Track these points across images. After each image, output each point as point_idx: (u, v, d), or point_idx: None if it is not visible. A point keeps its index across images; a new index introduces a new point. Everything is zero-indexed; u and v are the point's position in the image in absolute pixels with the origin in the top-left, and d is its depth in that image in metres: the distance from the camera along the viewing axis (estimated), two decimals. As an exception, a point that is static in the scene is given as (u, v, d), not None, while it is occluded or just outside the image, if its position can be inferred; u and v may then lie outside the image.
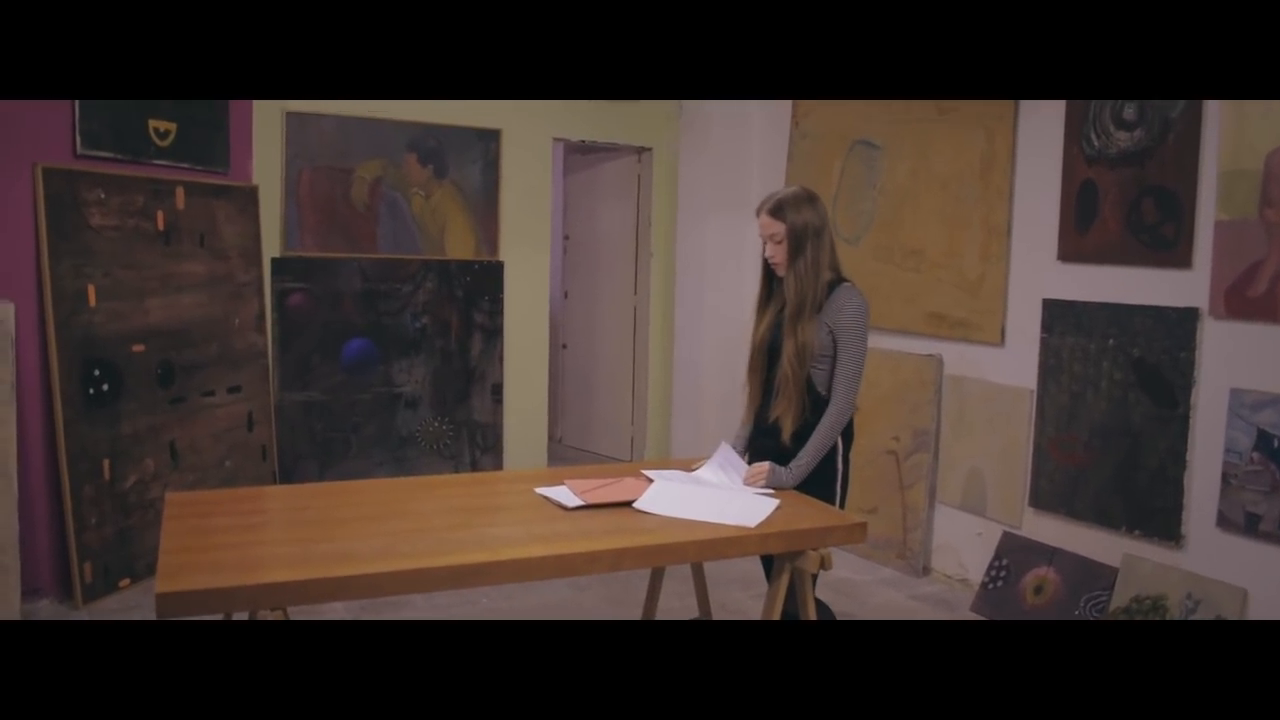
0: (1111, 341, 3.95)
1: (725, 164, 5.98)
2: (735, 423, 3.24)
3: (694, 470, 3.02)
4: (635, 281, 6.83)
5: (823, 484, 2.94)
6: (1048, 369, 4.20)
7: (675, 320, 6.43)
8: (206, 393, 4.81)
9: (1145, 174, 3.81)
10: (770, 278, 3.05)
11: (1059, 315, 4.14)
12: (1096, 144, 3.97)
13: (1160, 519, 3.79)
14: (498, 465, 6.15)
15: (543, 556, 2.25)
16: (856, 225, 5.11)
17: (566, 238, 7.42)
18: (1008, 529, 4.40)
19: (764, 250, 2.98)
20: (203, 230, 4.79)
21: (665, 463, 3.19)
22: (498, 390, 6.12)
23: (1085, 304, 4.04)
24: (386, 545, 2.27)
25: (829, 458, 2.96)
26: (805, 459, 2.88)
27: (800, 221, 2.87)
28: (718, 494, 2.75)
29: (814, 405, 2.92)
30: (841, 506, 2.99)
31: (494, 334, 6.08)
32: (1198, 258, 3.66)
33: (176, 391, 4.59)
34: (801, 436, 2.91)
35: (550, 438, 6.82)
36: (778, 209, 2.90)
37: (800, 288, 2.88)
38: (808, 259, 2.88)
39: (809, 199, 2.93)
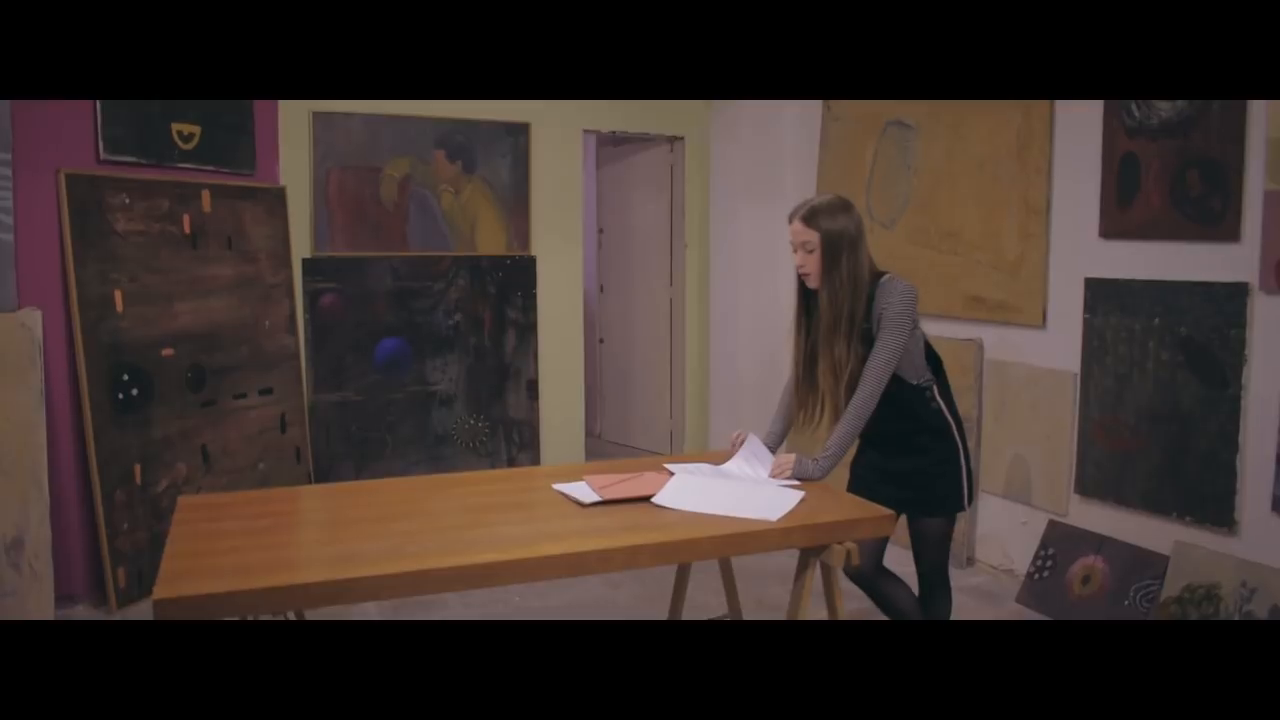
0: (1157, 320, 3.79)
1: (758, 151, 5.88)
2: (773, 412, 3.15)
3: (721, 466, 2.93)
4: (671, 273, 6.76)
5: (948, 492, 2.89)
6: (1091, 351, 4.05)
7: (711, 311, 6.34)
8: (238, 395, 4.80)
9: (1189, 144, 3.65)
10: (806, 291, 2.89)
11: (1102, 295, 3.99)
12: (1137, 115, 3.81)
13: (1212, 504, 3.64)
14: (535, 462, 6.10)
15: (553, 555, 2.18)
16: (891, 208, 4.98)
17: (600, 231, 7.36)
18: (1054, 517, 4.26)
19: (795, 260, 2.83)
20: (230, 233, 4.79)
21: (699, 456, 3.10)
22: (533, 386, 6.07)
23: (1129, 282, 3.89)
24: (395, 546, 2.21)
25: (951, 460, 2.87)
26: (832, 449, 2.78)
27: (835, 229, 2.73)
28: (739, 487, 2.66)
29: (907, 398, 2.84)
30: (970, 485, 2.91)
31: (528, 330, 6.03)
32: (1246, 230, 3.50)
33: (207, 395, 4.59)
34: (915, 431, 2.86)
35: (589, 433, 6.76)
36: (811, 216, 2.76)
37: (835, 301, 2.74)
38: (843, 271, 2.73)
39: (844, 207, 2.78)
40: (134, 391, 4.20)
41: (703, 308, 6.58)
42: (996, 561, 4.57)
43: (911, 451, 2.87)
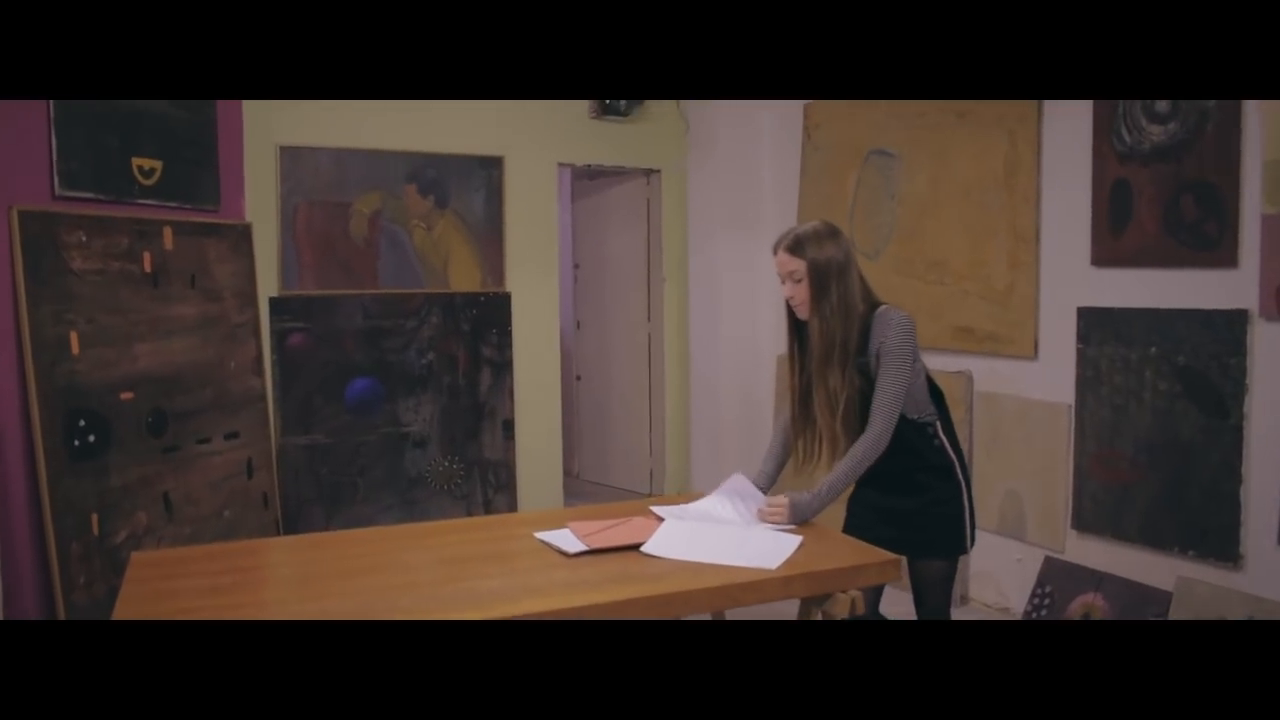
0: (1154, 349, 3.69)
1: (736, 181, 5.77)
2: (757, 450, 3.01)
3: (700, 502, 2.78)
4: (649, 308, 6.62)
5: (950, 533, 2.76)
6: (1086, 381, 3.94)
7: (691, 346, 6.20)
8: (202, 440, 4.60)
9: (1183, 169, 3.56)
10: (797, 323, 2.78)
11: (1096, 324, 3.89)
12: (1128, 140, 3.73)
13: (1216, 538, 3.52)
14: (511, 504, 5.92)
15: (538, 612, 2.01)
16: (875, 239, 4.88)
17: (576, 266, 7.23)
18: (1050, 553, 4.13)
19: (784, 291, 2.73)
20: (193, 271, 4.61)
21: (686, 497, 2.95)
22: (509, 426, 5.90)
23: (1124, 310, 3.79)
24: (364, 604, 2.04)
25: (953, 499, 2.74)
26: (825, 489, 2.64)
27: (823, 258, 2.63)
28: (734, 533, 2.51)
29: (909, 435, 2.72)
30: (972, 527, 2.79)
31: (503, 368, 5.87)
32: (1244, 255, 3.41)
33: (169, 440, 4.39)
34: (914, 469, 2.73)
35: (566, 473, 6.60)
36: (796, 245, 2.66)
37: (827, 330, 2.63)
38: (833, 300, 2.62)
39: (830, 234, 2.68)
40: (91, 437, 4.00)
41: (682, 342, 6.45)
42: (991, 600, 4.43)
43: (911, 490, 2.73)
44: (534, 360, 6.01)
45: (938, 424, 2.75)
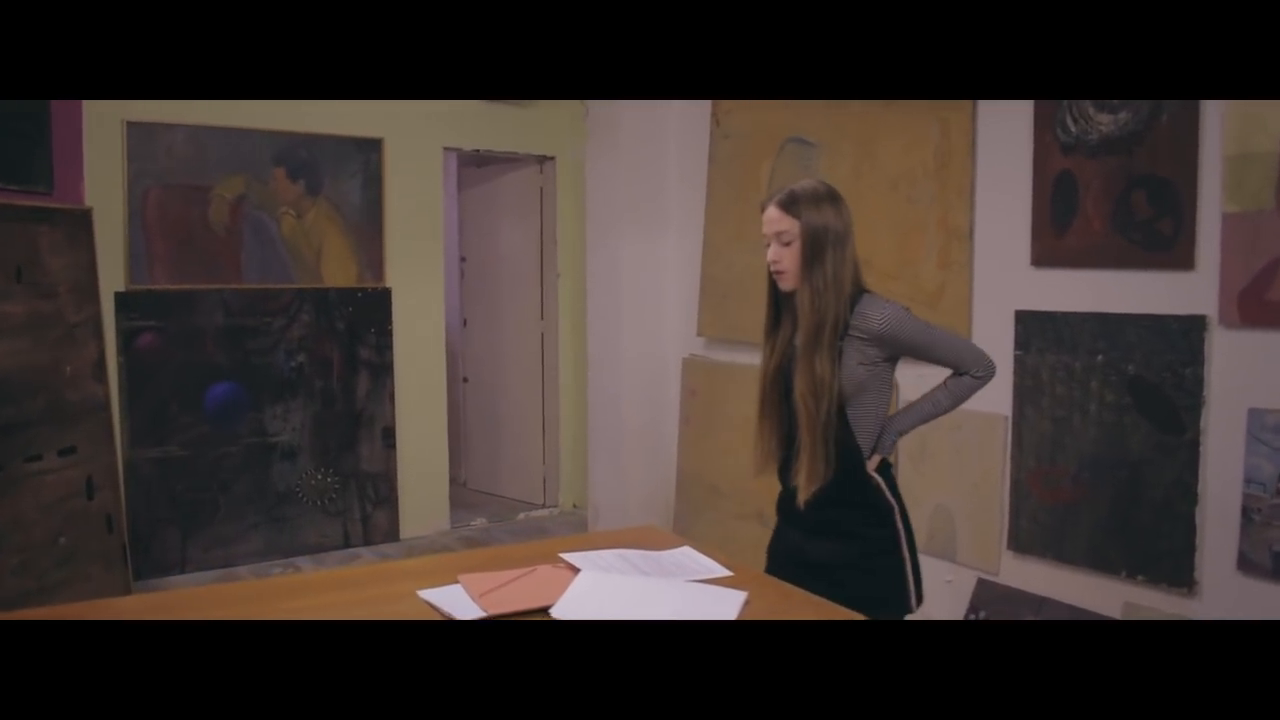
0: (1100, 358, 3.41)
1: (638, 171, 5.35)
2: (661, 460, 2.60)
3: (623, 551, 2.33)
4: (542, 305, 6.20)
5: (883, 591, 2.36)
6: (1024, 391, 3.65)
7: (589, 347, 5.77)
8: (31, 457, 3.99)
9: (1134, 162, 3.28)
10: (778, 295, 2.45)
11: (1036, 329, 3.60)
12: (1074, 130, 3.43)
13: (1168, 562, 3.26)
14: (393, 520, 5.42)
15: None
16: (791, 234, 4.52)
17: (463, 259, 6.73)
18: (983, 576, 3.83)
19: (769, 254, 2.38)
20: (20, 262, 3.98)
21: (599, 538, 2.51)
22: (389, 434, 5.39)
23: (1066, 315, 3.50)
24: None
25: (888, 551, 2.37)
26: (905, 423, 2.50)
27: (820, 223, 2.31)
28: (667, 588, 2.08)
29: (844, 458, 2.33)
30: (917, 582, 2.44)
31: (383, 370, 5.35)
32: (1202, 257, 3.14)
33: (-11, 459, 3.77)
34: (824, 504, 2.33)
35: (453, 481, 6.12)
36: (790, 202, 2.33)
37: (818, 306, 2.28)
38: (827, 271, 2.28)
39: (830, 196, 2.36)
40: (-115, 460, 3.37)
41: (579, 343, 6.03)
42: (918, 624, 4.12)
43: (838, 535, 2.36)
44: (416, 362, 5.54)
45: (875, 457, 2.40)
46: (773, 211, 2.35)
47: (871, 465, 2.38)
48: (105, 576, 4.24)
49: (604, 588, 2.03)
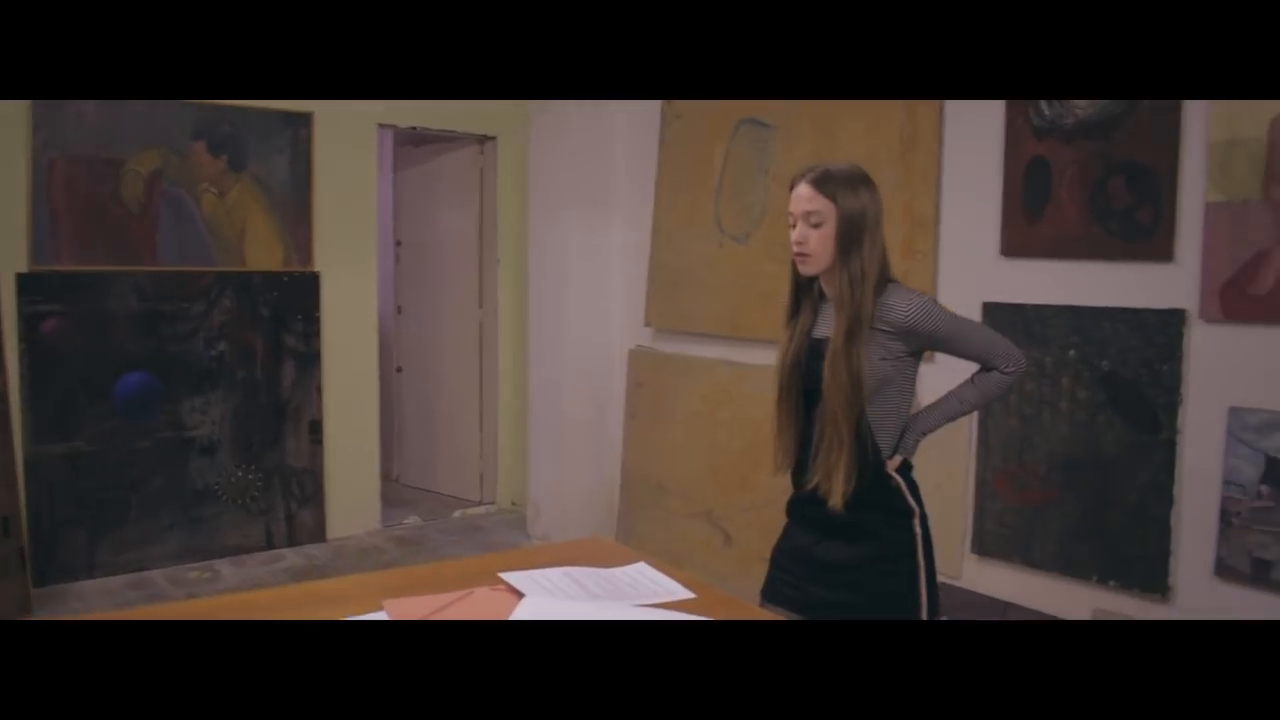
0: (1073, 353, 3.25)
1: (585, 153, 5.11)
2: (604, 456, 2.38)
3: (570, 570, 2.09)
4: (481, 293, 5.94)
5: (897, 598, 2.18)
6: (991, 387, 3.48)
7: (530, 337, 5.52)
8: (-83, 453, 3.65)
9: (1112, 148, 3.12)
10: (799, 282, 2.27)
11: (1004, 322, 3.42)
12: (1048, 113, 3.27)
13: (1142, 567, 3.12)
14: (319, 519, 5.12)
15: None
16: (745, 220, 4.31)
17: (398, 244, 6.43)
18: (945, 580, 3.66)
19: (794, 235, 2.19)
20: (-95, 238, 3.64)
21: (539, 552, 2.26)
22: (316, 428, 5.09)
23: (1037, 308, 3.34)
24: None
25: (905, 555, 2.19)
26: (929, 422, 2.30)
27: (857, 207, 2.14)
28: (620, 616, 1.84)
29: (865, 458, 2.16)
30: (931, 594, 2.22)
31: (310, 360, 5.05)
32: (1182, 248, 3.00)
33: None
34: (858, 505, 2.14)
35: (385, 477, 5.84)
36: (824, 180, 2.15)
37: (855, 296, 2.10)
38: (864, 258, 2.11)
39: (865, 180, 2.19)
40: None
41: (519, 332, 5.77)
42: (875, 630, 3.95)
43: (854, 536, 2.17)
44: (347, 351, 5.25)
45: (897, 457, 2.22)
46: (804, 189, 2.16)
47: (892, 466, 2.21)
48: (0, 584, 3.91)
49: (550, 616, 1.79)
